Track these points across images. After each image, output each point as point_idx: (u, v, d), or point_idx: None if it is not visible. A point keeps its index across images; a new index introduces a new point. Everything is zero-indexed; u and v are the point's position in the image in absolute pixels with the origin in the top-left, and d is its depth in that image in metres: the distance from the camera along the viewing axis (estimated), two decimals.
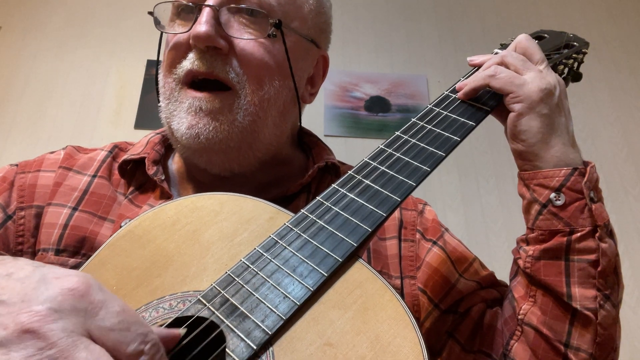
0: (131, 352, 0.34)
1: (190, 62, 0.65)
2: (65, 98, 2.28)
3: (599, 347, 0.58)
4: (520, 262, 0.62)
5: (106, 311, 0.35)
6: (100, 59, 2.39)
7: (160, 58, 0.73)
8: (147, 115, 2.25)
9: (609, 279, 0.58)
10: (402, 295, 0.70)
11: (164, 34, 0.71)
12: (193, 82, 0.66)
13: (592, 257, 0.57)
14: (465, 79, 0.68)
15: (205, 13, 0.63)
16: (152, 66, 2.37)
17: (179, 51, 0.66)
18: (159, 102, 0.72)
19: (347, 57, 2.44)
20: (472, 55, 0.71)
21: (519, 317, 0.61)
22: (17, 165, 0.74)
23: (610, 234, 0.60)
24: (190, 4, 0.66)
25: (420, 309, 0.70)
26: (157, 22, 0.70)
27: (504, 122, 0.67)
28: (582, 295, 0.57)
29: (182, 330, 0.43)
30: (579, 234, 0.58)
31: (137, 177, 0.72)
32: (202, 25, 0.62)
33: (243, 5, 0.66)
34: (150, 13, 0.69)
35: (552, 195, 0.59)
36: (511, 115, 0.62)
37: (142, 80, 2.34)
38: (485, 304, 0.70)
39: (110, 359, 0.33)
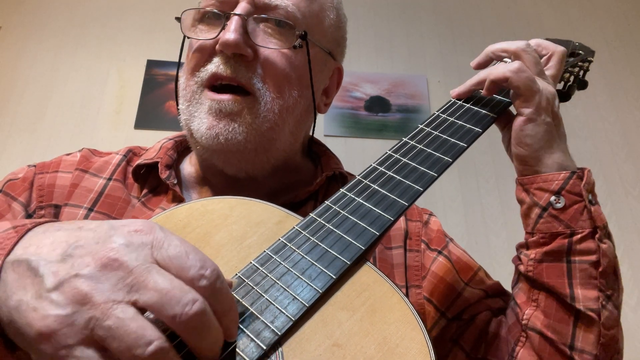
0: (193, 275, 0.38)
1: (215, 65, 0.67)
2: (65, 98, 2.28)
3: (603, 349, 0.59)
4: (522, 267, 0.63)
5: (169, 243, 0.39)
6: (100, 59, 2.39)
7: (182, 61, 0.75)
8: (147, 116, 2.25)
9: (609, 280, 0.60)
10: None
11: (186, 39, 0.72)
12: (214, 85, 0.68)
13: (593, 257, 0.59)
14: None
15: (234, 21, 0.65)
16: (152, 66, 2.37)
17: (204, 54, 0.68)
18: (177, 105, 0.73)
19: (347, 57, 2.41)
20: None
21: (523, 322, 0.62)
22: (35, 166, 0.75)
23: (609, 236, 0.61)
24: (218, 11, 0.68)
25: (426, 317, 0.71)
26: (182, 27, 0.72)
27: (502, 128, 0.70)
28: (585, 296, 0.58)
29: (234, 280, 0.48)
30: (579, 236, 0.59)
31: (150, 181, 0.74)
32: (232, 33, 0.64)
33: (270, 16, 0.68)
34: (177, 19, 0.71)
35: (552, 198, 0.60)
36: (519, 119, 0.63)
37: (142, 80, 2.33)
38: (492, 313, 0.71)
39: (180, 282, 0.37)
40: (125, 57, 2.40)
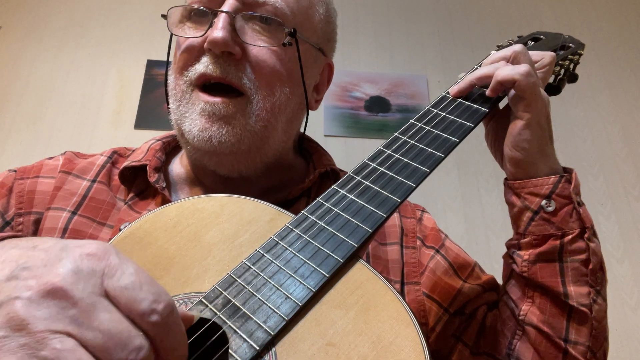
0: (144, 310, 0.35)
1: (204, 65, 0.65)
2: (65, 98, 2.29)
3: (594, 339, 0.62)
4: (516, 267, 0.65)
5: (122, 272, 0.37)
6: (100, 59, 2.39)
7: (170, 59, 0.73)
8: (147, 116, 2.25)
9: (598, 276, 0.62)
10: (405, 300, 0.71)
11: (173, 35, 0.71)
12: (204, 85, 0.67)
13: (583, 256, 0.61)
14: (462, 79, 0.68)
15: (222, 19, 0.64)
16: (152, 66, 2.37)
17: (192, 54, 0.67)
18: (167, 104, 0.72)
19: (347, 57, 2.44)
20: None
21: (520, 317, 0.64)
22: (15, 170, 0.73)
23: (595, 235, 0.64)
24: (205, 8, 0.67)
25: (428, 314, 0.71)
26: (169, 24, 0.70)
27: (486, 124, 0.71)
28: (577, 293, 0.61)
29: (196, 315, 0.43)
30: (570, 237, 0.61)
31: (137, 183, 0.73)
32: (219, 31, 0.63)
33: (258, 13, 0.66)
34: (164, 16, 0.70)
35: (544, 202, 0.62)
36: (519, 123, 0.62)
37: (142, 80, 2.33)
38: (487, 307, 0.73)
39: (128, 323, 0.35)
40: (125, 57, 2.40)
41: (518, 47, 0.66)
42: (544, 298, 0.63)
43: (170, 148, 0.80)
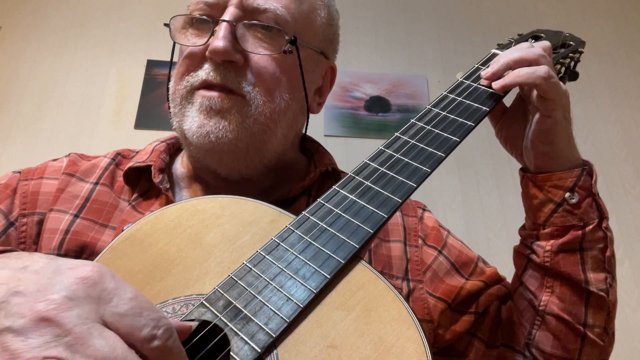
0: (144, 337, 0.35)
1: (205, 72, 0.67)
2: (65, 98, 2.28)
3: (609, 319, 0.66)
4: (536, 257, 0.67)
5: (119, 298, 0.36)
6: (100, 59, 2.38)
7: (175, 60, 0.74)
8: (147, 115, 2.25)
9: (612, 261, 0.66)
10: (408, 298, 0.72)
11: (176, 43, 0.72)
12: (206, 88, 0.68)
13: (601, 245, 0.65)
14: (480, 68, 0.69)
15: (223, 28, 0.65)
16: (152, 66, 2.36)
17: (194, 61, 0.68)
18: (169, 109, 0.73)
19: (347, 57, 2.44)
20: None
21: (540, 308, 0.67)
22: (19, 172, 0.74)
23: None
24: (206, 17, 0.68)
25: (432, 311, 0.72)
26: (171, 32, 0.71)
27: (496, 123, 0.73)
28: (596, 279, 0.65)
29: (193, 324, 0.43)
30: (590, 227, 0.64)
31: (142, 184, 0.73)
32: (220, 40, 0.64)
33: (259, 21, 0.67)
34: (166, 25, 0.71)
35: (567, 194, 0.64)
36: (548, 121, 0.64)
37: (142, 80, 2.33)
38: (499, 301, 0.75)
39: (124, 345, 0.34)
40: (125, 57, 2.40)
41: (546, 44, 0.68)
42: (564, 287, 0.65)
43: (174, 149, 0.81)
